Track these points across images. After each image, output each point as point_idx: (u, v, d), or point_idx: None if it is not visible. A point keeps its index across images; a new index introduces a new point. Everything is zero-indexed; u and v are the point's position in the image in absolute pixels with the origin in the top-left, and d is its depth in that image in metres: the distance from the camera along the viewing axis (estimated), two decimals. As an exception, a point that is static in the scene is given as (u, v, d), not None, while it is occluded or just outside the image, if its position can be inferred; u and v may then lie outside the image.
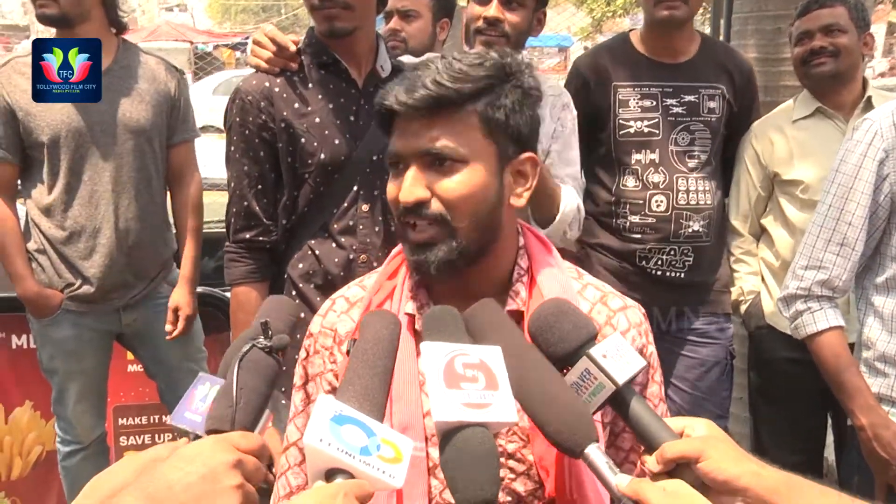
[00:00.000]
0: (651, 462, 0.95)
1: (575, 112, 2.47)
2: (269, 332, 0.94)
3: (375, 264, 2.01)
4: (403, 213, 1.17)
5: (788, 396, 2.67)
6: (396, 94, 1.15)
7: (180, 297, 2.77)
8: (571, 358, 0.99)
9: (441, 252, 1.16)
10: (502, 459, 1.20)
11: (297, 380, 1.31)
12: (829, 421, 2.79)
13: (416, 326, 1.19)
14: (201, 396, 0.93)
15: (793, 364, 2.64)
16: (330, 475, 0.83)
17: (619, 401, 0.98)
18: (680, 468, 0.94)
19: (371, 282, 1.31)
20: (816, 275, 2.04)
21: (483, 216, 1.17)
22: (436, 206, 1.15)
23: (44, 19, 2.60)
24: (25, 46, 2.83)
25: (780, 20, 3.11)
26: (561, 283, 1.24)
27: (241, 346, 0.94)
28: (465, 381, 0.90)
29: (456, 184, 1.15)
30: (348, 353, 0.98)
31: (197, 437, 0.90)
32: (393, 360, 0.96)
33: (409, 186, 1.15)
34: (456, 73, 1.14)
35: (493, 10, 2.26)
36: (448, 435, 0.87)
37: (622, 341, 1.01)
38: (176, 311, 2.75)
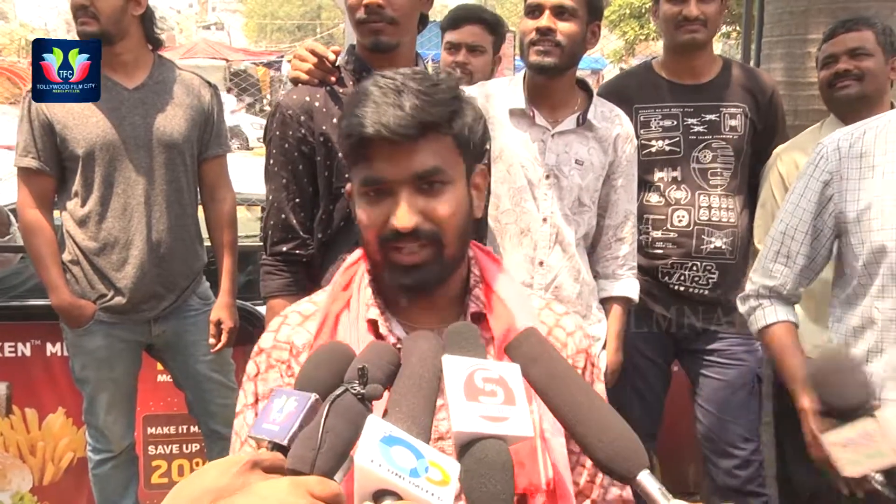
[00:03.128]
0: None
1: (636, 142, 2.54)
2: (366, 379, 0.93)
3: None
4: (394, 237, 1.17)
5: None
6: (380, 121, 1.13)
7: (222, 310, 2.82)
8: (853, 413, 0.99)
9: (433, 272, 1.19)
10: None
11: (249, 398, 1.29)
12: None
13: (381, 331, 1.23)
14: (278, 408, 0.93)
15: (816, 388, 2.62)
16: (378, 497, 0.83)
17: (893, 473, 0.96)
18: None
19: (321, 298, 1.32)
20: (765, 281, 2.18)
21: (464, 230, 1.22)
22: (428, 228, 1.17)
23: (84, 36, 2.67)
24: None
25: (810, 44, 3.12)
26: (515, 289, 1.30)
27: (321, 371, 0.95)
28: (484, 394, 0.92)
29: (445, 205, 1.18)
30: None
31: (275, 445, 0.90)
32: (438, 381, 0.97)
33: (406, 213, 1.16)
34: (432, 96, 1.15)
35: (545, 21, 2.30)
36: (466, 446, 0.89)
37: None
38: (218, 324, 2.80)
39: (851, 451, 0.97)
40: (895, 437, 0.94)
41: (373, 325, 1.24)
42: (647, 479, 0.93)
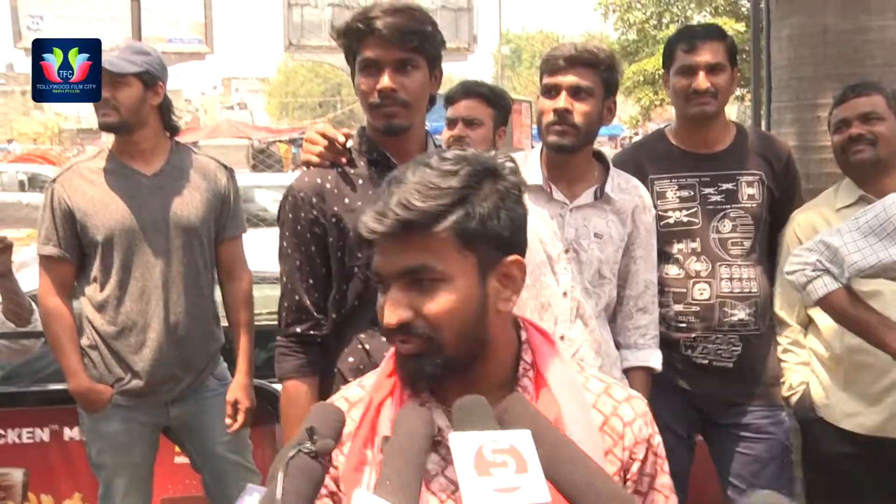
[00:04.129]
0: None
1: (654, 212, 2.53)
2: (315, 437, 0.96)
3: None
4: (389, 332, 1.18)
5: (846, 492, 2.57)
6: (367, 223, 1.15)
7: (238, 390, 2.81)
8: None
9: (428, 366, 1.17)
10: None
11: None
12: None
13: None
14: None
15: (849, 459, 2.55)
16: None
17: None
18: None
19: (370, 381, 1.30)
20: (816, 258, 2.25)
21: (469, 329, 1.17)
22: (420, 326, 1.15)
23: (105, 127, 2.76)
24: (90, 150, 2.96)
25: (819, 108, 3.13)
26: (566, 377, 1.25)
27: (287, 453, 0.96)
28: (496, 466, 0.91)
29: (438, 304, 1.15)
30: (381, 450, 0.99)
31: None
32: (426, 454, 0.97)
33: (390, 309, 1.15)
34: (425, 191, 1.13)
35: (562, 102, 2.30)
36: None
37: None
38: (235, 404, 2.79)
39: None
40: None
41: None
42: None
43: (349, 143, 2.17)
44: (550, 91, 2.34)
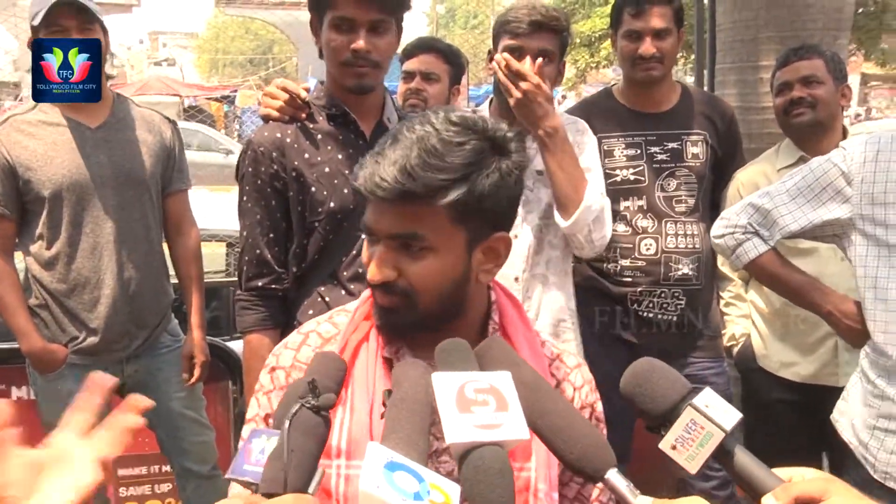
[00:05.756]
0: (771, 501, 0.91)
1: (594, 137, 2.53)
2: (317, 391, 0.96)
3: None
4: (371, 286, 1.21)
5: (782, 437, 2.71)
6: (366, 182, 1.14)
7: (193, 345, 2.81)
8: (672, 413, 0.99)
9: (404, 319, 1.20)
10: None
11: (262, 411, 1.29)
12: (826, 462, 2.82)
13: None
14: (259, 449, 0.94)
15: (785, 405, 2.69)
16: None
17: (724, 450, 0.97)
18: None
19: (341, 319, 1.33)
20: (746, 221, 2.25)
21: (447, 294, 1.20)
22: (402, 285, 1.18)
23: None
24: (26, 104, 2.84)
25: (761, 70, 3.23)
26: (528, 340, 1.29)
27: (290, 404, 0.96)
28: (476, 405, 0.94)
29: (422, 269, 1.17)
30: (383, 403, 1.01)
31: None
32: (430, 405, 0.98)
33: (375, 267, 1.18)
34: (430, 161, 1.11)
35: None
36: (464, 455, 0.91)
37: (714, 393, 1.00)
38: (191, 359, 2.79)
39: (685, 447, 0.96)
40: (714, 413, 0.96)
41: (389, 362, 1.25)
42: (615, 478, 0.96)
43: (309, 97, 2.17)
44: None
